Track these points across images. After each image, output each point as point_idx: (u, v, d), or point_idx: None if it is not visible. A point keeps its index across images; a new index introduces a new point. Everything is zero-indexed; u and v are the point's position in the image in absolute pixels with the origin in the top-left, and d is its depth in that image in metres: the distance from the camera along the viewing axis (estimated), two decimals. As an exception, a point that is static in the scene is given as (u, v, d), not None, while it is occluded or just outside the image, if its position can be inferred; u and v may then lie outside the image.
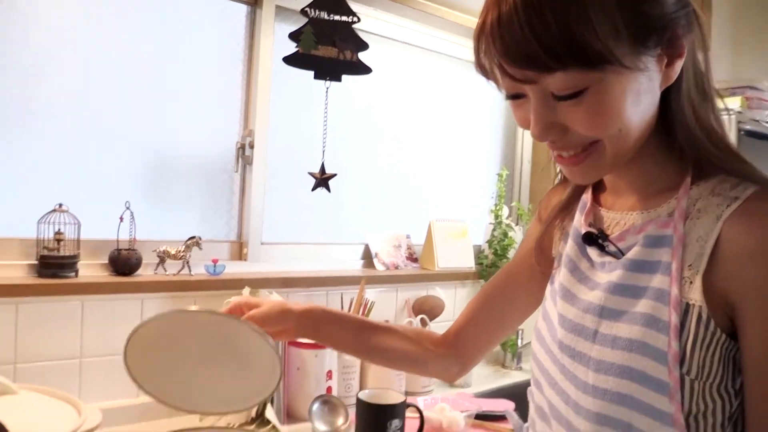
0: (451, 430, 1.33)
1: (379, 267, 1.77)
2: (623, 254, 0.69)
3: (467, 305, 0.98)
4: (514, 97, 0.66)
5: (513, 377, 1.91)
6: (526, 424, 0.87)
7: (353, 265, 1.79)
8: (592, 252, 0.74)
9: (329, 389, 1.40)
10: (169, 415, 1.31)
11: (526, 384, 1.79)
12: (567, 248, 0.78)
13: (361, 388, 1.54)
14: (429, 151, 2.00)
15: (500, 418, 1.45)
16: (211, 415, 0.95)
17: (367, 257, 1.81)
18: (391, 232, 1.87)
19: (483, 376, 1.87)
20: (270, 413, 1.30)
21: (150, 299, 1.31)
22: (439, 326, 1.86)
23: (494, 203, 2.05)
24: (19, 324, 1.17)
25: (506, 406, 1.53)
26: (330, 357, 1.41)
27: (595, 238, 0.72)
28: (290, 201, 1.67)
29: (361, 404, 1.22)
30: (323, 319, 0.93)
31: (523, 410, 0.89)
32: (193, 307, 0.87)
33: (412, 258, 1.89)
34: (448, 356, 0.98)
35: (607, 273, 0.71)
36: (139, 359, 0.83)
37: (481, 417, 1.42)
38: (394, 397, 1.24)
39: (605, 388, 0.66)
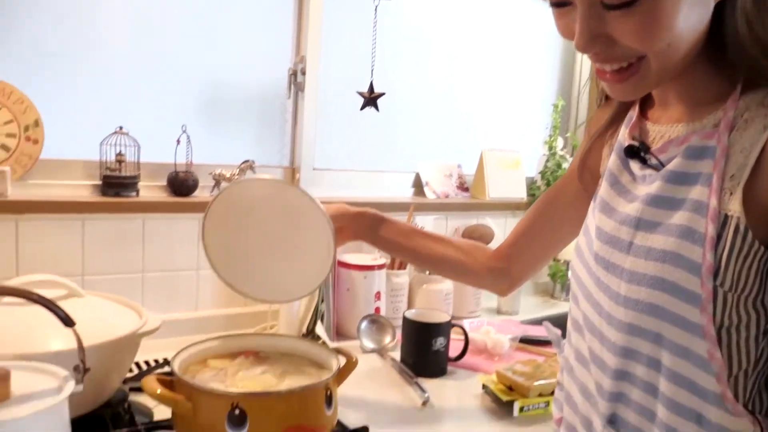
0: (495, 352, 1.36)
1: (430, 195, 1.79)
2: (663, 166, 0.68)
3: (518, 223, 1.02)
4: (558, 4, 0.65)
5: (561, 308, 1.91)
6: (564, 340, 0.89)
7: (404, 193, 1.80)
8: (634, 165, 0.73)
9: (377, 309, 1.45)
10: (224, 328, 1.38)
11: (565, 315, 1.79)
12: (609, 162, 0.78)
13: (409, 309, 1.58)
14: (482, 78, 1.96)
15: (545, 343, 1.46)
16: (271, 303, 1.07)
17: (418, 186, 1.82)
18: (443, 161, 1.87)
19: (531, 306, 1.88)
20: (320, 330, 1.36)
21: (206, 219, 1.37)
22: (489, 255, 1.87)
23: (549, 134, 2.01)
24: (86, 239, 1.25)
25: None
26: (379, 279, 1.45)
27: (636, 151, 0.72)
28: (342, 128, 1.69)
29: (407, 322, 1.26)
30: (378, 221, 1.02)
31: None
32: (266, 176, 0.94)
33: (463, 188, 1.89)
34: (499, 271, 1.04)
35: (647, 185, 0.70)
36: (214, 238, 0.95)
37: (526, 341, 1.44)
38: (440, 317, 1.27)
39: (637, 299, 0.66)
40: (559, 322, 1.78)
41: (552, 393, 1.12)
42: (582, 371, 0.78)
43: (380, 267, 1.45)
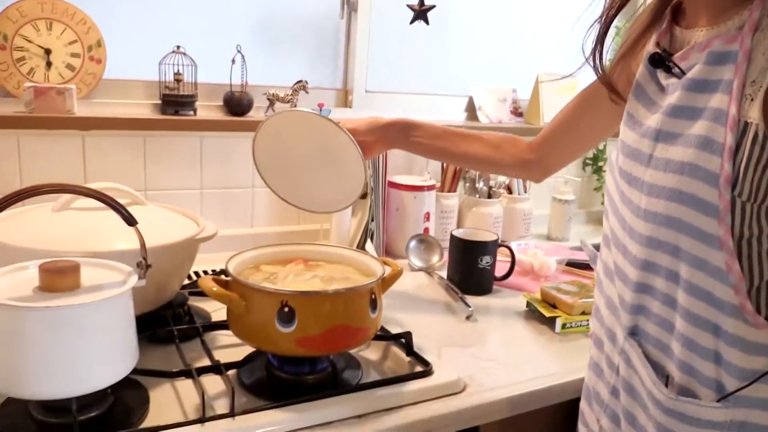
0: (542, 273, 1.37)
1: (483, 120, 1.77)
2: (685, 74, 0.66)
3: (554, 117, 1.05)
4: None
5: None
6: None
7: (456, 118, 1.80)
8: (660, 75, 0.71)
9: (426, 230, 1.47)
10: (277, 243, 1.44)
11: None
12: (638, 74, 0.76)
13: (458, 233, 1.60)
14: None
15: (589, 266, 1.47)
16: (311, 212, 1.14)
17: (471, 110, 1.81)
18: (497, 85, 1.84)
19: (581, 233, 1.87)
20: (369, 248, 1.40)
21: (260, 138, 1.41)
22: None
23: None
24: (147, 156, 1.31)
25: (602, 258, 1.54)
26: (428, 200, 1.47)
27: (660, 59, 0.69)
28: (395, 50, 1.68)
29: (454, 240, 1.28)
30: (409, 127, 1.09)
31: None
32: (306, 110, 1.05)
33: (517, 113, 1.87)
34: (531, 162, 1.10)
35: (669, 95, 0.68)
36: (263, 155, 1.09)
37: (572, 264, 1.45)
38: (487, 236, 1.29)
39: (655, 211, 0.66)
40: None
41: (595, 311, 1.14)
42: (608, 285, 0.79)
43: (430, 188, 1.47)
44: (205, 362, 0.87)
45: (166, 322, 0.96)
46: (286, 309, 0.79)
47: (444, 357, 0.95)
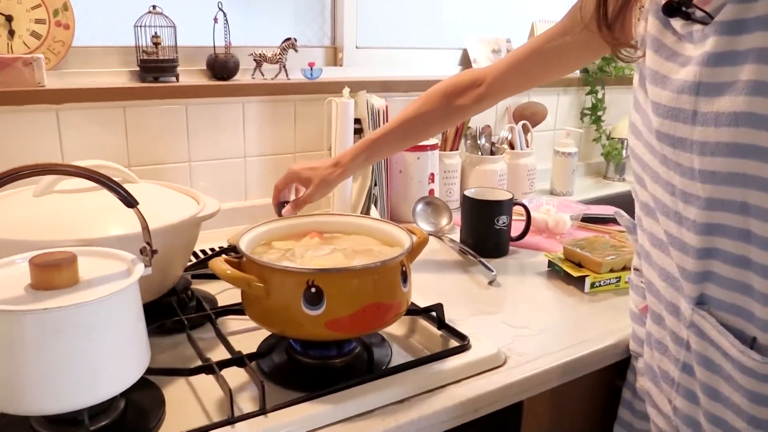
0: (557, 230, 1.31)
1: (478, 73, 1.68)
2: (712, 18, 0.59)
3: (512, 52, 0.99)
4: None
5: (615, 188, 1.85)
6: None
7: (451, 71, 1.70)
8: (676, 24, 0.63)
9: (431, 192, 1.39)
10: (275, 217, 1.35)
11: (629, 194, 1.72)
12: (648, 26, 0.68)
13: (462, 191, 1.52)
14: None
15: (607, 221, 1.41)
16: None
17: (466, 63, 1.72)
18: (491, 36, 1.75)
19: (584, 187, 1.82)
20: (374, 214, 1.31)
21: (250, 103, 1.30)
22: (541, 135, 1.79)
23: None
24: (129, 128, 1.20)
25: (606, 211, 1.48)
26: (432, 160, 1.39)
27: (676, 7, 0.61)
28: (385, 2, 1.57)
29: (468, 201, 1.21)
30: (367, 159, 1.07)
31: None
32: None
33: (512, 64, 1.77)
34: (480, 101, 1.03)
35: (698, 44, 0.60)
36: None
37: (588, 219, 1.38)
38: (501, 194, 1.22)
39: (713, 170, 0.59)
40: (616, 201, 1.72)
41: (623, 268, 1.08)
42: (660, 256, 0.72)
43: (433, 148, 1.39)
44: (223, 354, 0.79)
45: (173, 311, 0.87)
46: (313, 289, 0.71)
47: (475, 328, 0.88)
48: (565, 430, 0.94)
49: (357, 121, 1.32)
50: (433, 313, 0.88)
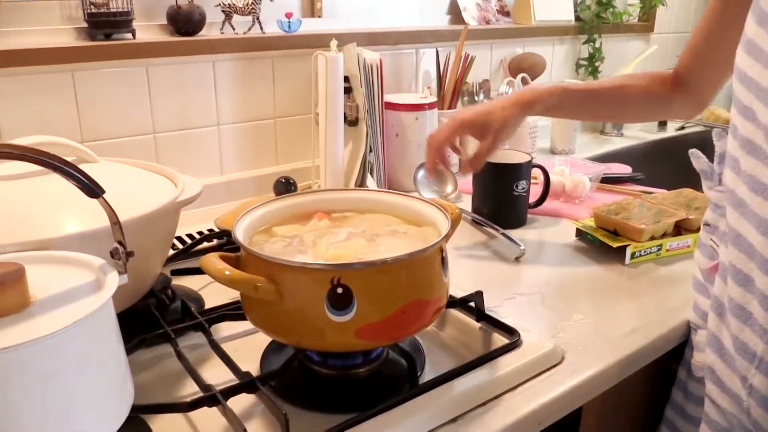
0: (575, 194, 1.17)
1: (471, 21, 1.52)
2: None
3: (689, 40, 0.88)
4: None
5: (615, 143, 1.72)
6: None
7: (440, 21, 1.53)
8: None
9: (432, 157, 1.24)
10: (257, 193, 1.18)
11: (629, 150, 1.59)
12: None
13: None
14: None
15: (627, 180, 1.28)
16: None
17: (455, 12, 1.54)
18: (480, -19, 1.58)
19: (583, 144, 1.69)
20: (371, 184, 1.16)
21: (222, 62, 1.12)
22: (538, 88, 1.64)
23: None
24: (79, 96, 1.00)
25: (624, 170, 1.35)
26: (431, 120, 1.23)
27: None
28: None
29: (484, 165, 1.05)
30: (553, 108, 0.92)
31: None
32: None
33: (503, 11, 1.62)
34: (682, 95, 0.91)
35: None
36: None
37: (607, 180, 1.25)
38: (518, 156, 1.07)
39: None
40: (619, 157, 1.60)
41: (663, 235, 0.95)
42: (762, 204, 0.59)
43: (431, 106, 1.23)
44: (223, 372, 0.63)
45: (154, 320, 0.71)
46: (340, 290, 0.55)
47: (516, 316, 0.74)
48: (622, 428, 0.82)
49: (345, 79, 1.15)
50: (472, 304, 0.74)
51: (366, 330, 0.57)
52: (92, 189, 0.50)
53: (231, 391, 0.57)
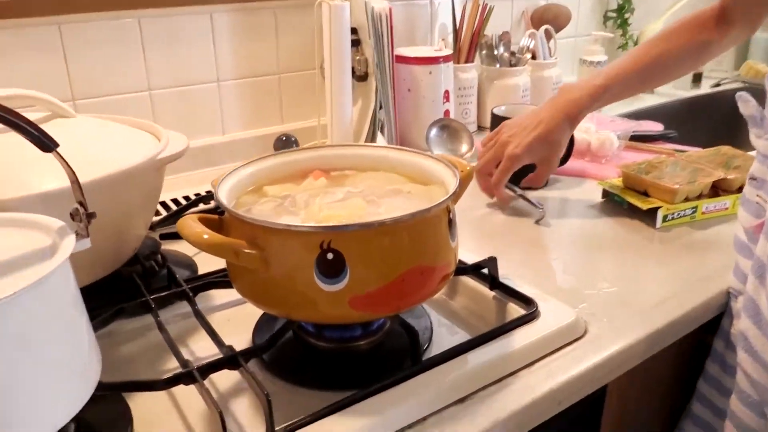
0: (602, 153, 1.09)
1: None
2: None
3: None
4: None
5: (645, 100, 1.61)
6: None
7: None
8: None
9: (447, 113, 1.16)
10: (260, 153, 1.11)
11: (661, 108, 1.48)
12: None
13: (480, 111, 1.29)
14: None
15: (657, 138, 1.19)
16: None
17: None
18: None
19: (611, 100, 1.58)
20: (381, 143, 1.09)
21: (220, 12, 1.04)
22: (562, 42, 1.54)
23: None
24: (68, 52, 0.94)
25: (655, 127, 1.26)
26: (446, 74, 1.15)
27: None
28: None
29: (499, 122, 0.98)
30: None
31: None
32: None
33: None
34: (730, 28, 0.84)
35: None
36: None
37: (637, 138, 1.16)
38: (540, 112, 0.98)
39: None
40: (651, 115, 1.50)
41: (699, 196, 0.87)
42: None
43: (446, 59, 1.14)
44: (208, 346, 0.57)
45: (136, 288, 0.65)
46: (330, 255, 0.49)
47: (535, 285, 0.67)
48: (649, 407, 0.75)
49: (353, 30, 1.07)
50: (485, 270, 0.67)
51: (361, 300, 0.50)
52: (43, 142, 0.44)
53: (210, 368, 0.51)
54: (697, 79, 1.69)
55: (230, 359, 0.52)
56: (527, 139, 0.85)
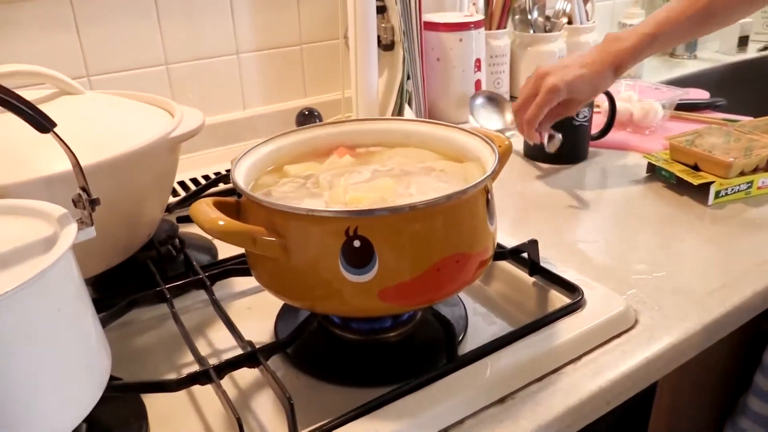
0: (645, 123, 1.02)
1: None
2: None
3: None
4: None
5: (687, 67, 1.53)
6: None
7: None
8: None
9: (478, 83, 1.10)
10: (282, 129, 1.06)
11: (705, 74, 1.38)
12: None
13: (513, 81, 1.23)
14: None
15: (704, 107, 1.11)
16: None
17: None
18: None
19: (651, 68, 1.49)
20: (409, 115, 1.03)
21: (238, -20, 0.99)
22: (602, 4, 1.46)
23: None
24: (80, 25, 0.90)
25: (702, 95, 1.18)
26: (477, 41, 1.08)
27: None
28: None
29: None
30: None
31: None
32: None
33: None
34: None
35: None
36: None
37: (684, 108, 1.09)
38: (580, 81, 0.92)
39: None
40: (695, 82, 1.42)
41: (754, 170, 0.80)
42: None
43: (477, 25, 1.08)
44: (229, 340, 0.53)
45: (150, 276, 0.61)
46: (357, 242, 0.44)
47: (577, 269, 0.62)
48: (701, 401, 0.70)
49: (379, -4, 1.01)
50: (525, 255, 0.61)
51: (392, 291, 0.46)
52: (40, 122, 0.40)
53: (228, 366, 0.47)
54: (744, 42, 1.59)
55: (250, 356, 0.48)
56: (569, 76, 0.77)
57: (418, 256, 0.46)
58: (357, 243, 0.44)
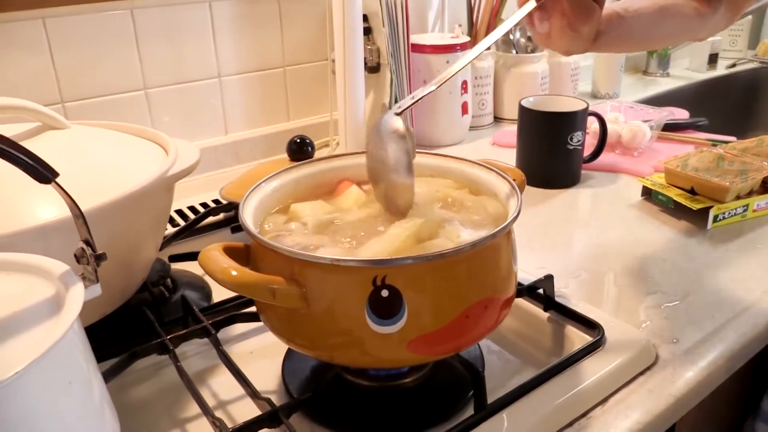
0: (633, 145, 1.01)
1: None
2: None
3: None
4: None
5: (661, 84, 1.54)
6: None
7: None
8: None
9: (465, 105, 1.08)
10: (267, 154, 1.04)
11: (678, 92, 1.39)
12: None
13: (496, 102, 1.22)
14: None
15: (686, 127, 1.12)
16: None
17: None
18: None
19: (626, 86, 1.50)
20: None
21: (220, 1, 0.95)
22: None
23: None
24: (54, 48, 0.85)
25: (680, 114, 1.19)
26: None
27: None
28: None
29: (529, 115, 0.90)
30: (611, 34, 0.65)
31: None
32: None
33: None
34: (717, 10, 0.68)
35: None
36: None
37: (671, 128, 1.09)
38: (573, 103, 0.92)
39: None
40: (668, 100, 1.43)
41: (749, 193, 0.81)
42: None
43: (464, 47, 1.06)
44: (232, 388, 0.50)
45: (147, 325, 0.57)
46: (385, 292, 0.41)
47: (588, 301, 0.61)
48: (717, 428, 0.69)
49: (364, 18, 0.98)
50: (541, 291, 0.60)
51: (421, 342, 0.43)
52: (40, 172, 0.36)
53: (246, 428, 0.44)
54: (713, 59, 1.62)
55: (271, 416, 0.44)
56: None
57: (448, 304, 0.43)
58: (385, 293, 0.41)
